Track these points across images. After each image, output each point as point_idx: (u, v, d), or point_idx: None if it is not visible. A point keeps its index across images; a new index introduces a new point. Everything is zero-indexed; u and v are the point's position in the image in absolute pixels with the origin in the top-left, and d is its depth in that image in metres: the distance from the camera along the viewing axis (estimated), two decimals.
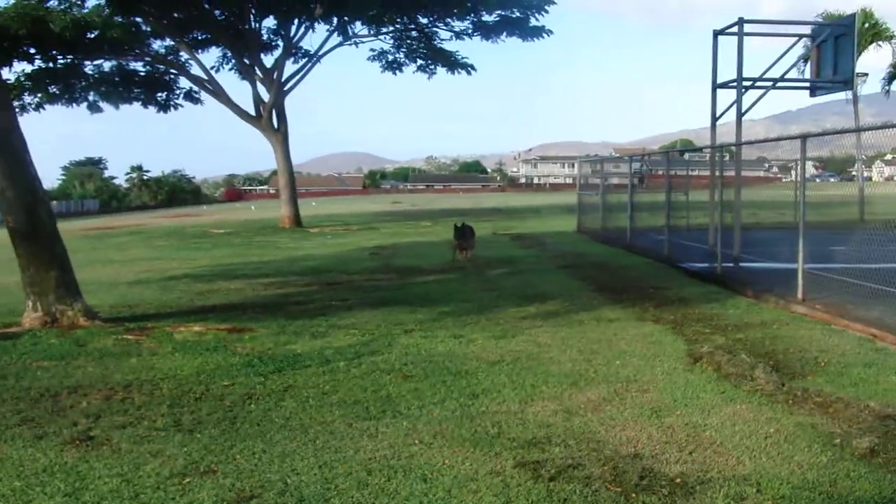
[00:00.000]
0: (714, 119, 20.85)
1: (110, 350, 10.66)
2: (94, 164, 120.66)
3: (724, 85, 20.60)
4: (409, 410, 7.79)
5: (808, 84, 21.89)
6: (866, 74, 40.03)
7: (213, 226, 42.89)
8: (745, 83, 20.13)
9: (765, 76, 20.64)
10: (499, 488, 5.78)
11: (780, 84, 20.86)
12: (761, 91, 20.65)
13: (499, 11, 37.93)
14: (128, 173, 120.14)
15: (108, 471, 6.24)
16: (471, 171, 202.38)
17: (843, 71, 20.16)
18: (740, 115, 19.58)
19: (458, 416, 7.59)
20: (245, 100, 40.15)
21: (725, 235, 18.55)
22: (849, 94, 34.75)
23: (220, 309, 14.09)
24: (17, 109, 27.04)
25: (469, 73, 41.12)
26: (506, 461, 6.34)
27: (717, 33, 20.77)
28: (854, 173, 41.86)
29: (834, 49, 20.36)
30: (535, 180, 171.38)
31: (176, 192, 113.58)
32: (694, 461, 6.31)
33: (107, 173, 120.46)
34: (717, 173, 19.49)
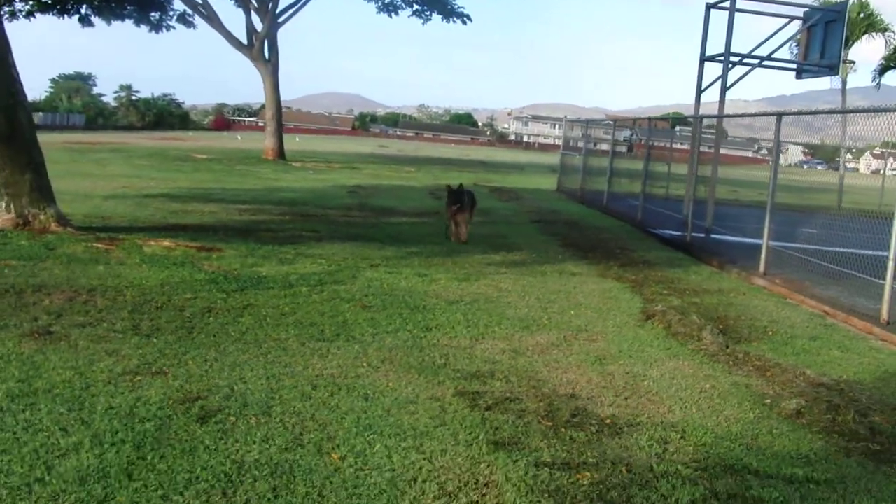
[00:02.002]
0: (699, 91, 21.00)
1: (79, 256, 10.80)
2: (84, 80, 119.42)
3: (712, 58, 20.74)
4: (362, 336, 8.01)
5: (795, 66, 22.03)
6: (853, 62, 40.11)
7: (197, 151, 42.77)
8: (733, 58, 20.26)
9: (753, 54, 20.77)
10: (435, 412, 6.02)
11: (766, 63, 21.01)
12: (748, 68, 20.77)
13: None
14: (116, 92, 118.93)
15: (62, 363, 6.43)
16: (462, 123, 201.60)
17: (831, 56, 20.32)
18: (724, 89, 19.74)
19: (409, 345, 7.82)
20: (238, 28, 39.78)
21: (700, 207, 18.82)
22: (834, 81, 34.90)
23: (192, 228, 14.24)
24: (6, 15, 26.77)
25: (464, 22, 40.98)
26: (447, 389, 6.58)
27: (709, 6, 20.88)
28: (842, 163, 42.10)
29: (823, 34, 20.50)
30: (525, 138, 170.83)
31: (164, 115, 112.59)
32: (627, 406, 6.57)
33: (95, 90, 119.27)
34: (698, 146, 19.69)
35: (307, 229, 15.30)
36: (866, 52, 45.56)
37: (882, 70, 43.63)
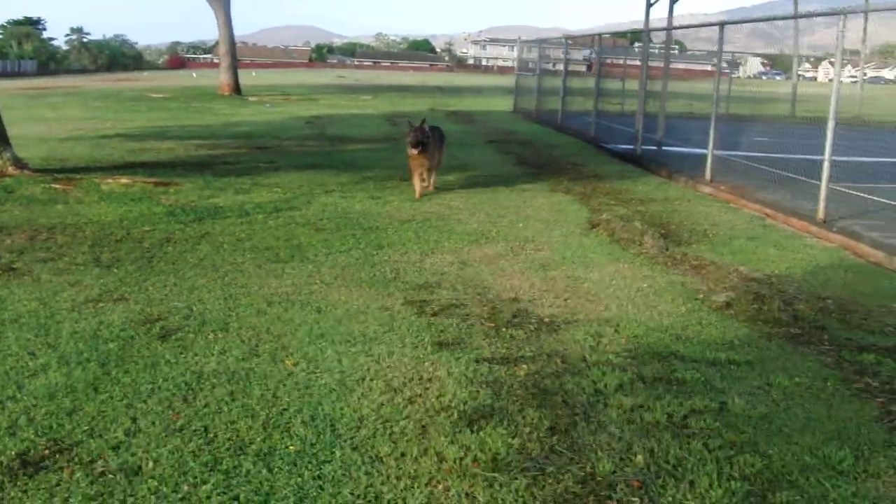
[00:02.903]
0: (648, 5, 21.13)
1: (37, 197, 11.01)
2: (33, 24, 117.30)
3: None
4: (315, 257, 8.35)
5: None
6: None
7: (152, 90, 42.51)
8: None
9: None
10: (384, 319, 6.40)
11: None
12: None
13: None
14: (67, 35, 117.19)
15: (27, 296, 6.73)
16: (420, 50, 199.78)
17: None
18: (672, 1, 19.89)
19: (361, 262, 8.18)
20: None
21: (652, 122, 19.18)
22: None
23: (149, 165, 14.44)
24: None
25: None
26: (396, 299, 6.95)
27: None
28: (801, 74, 42.45)
29: None
30: (484, 62, 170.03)
31: (117, 57, 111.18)
32: (566, 306, 6.98)
33: (46, 34, 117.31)
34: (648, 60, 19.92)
35: (263, 161, 15.53)
36: None
37: None
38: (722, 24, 14.61)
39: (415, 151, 11.78)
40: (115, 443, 4.25)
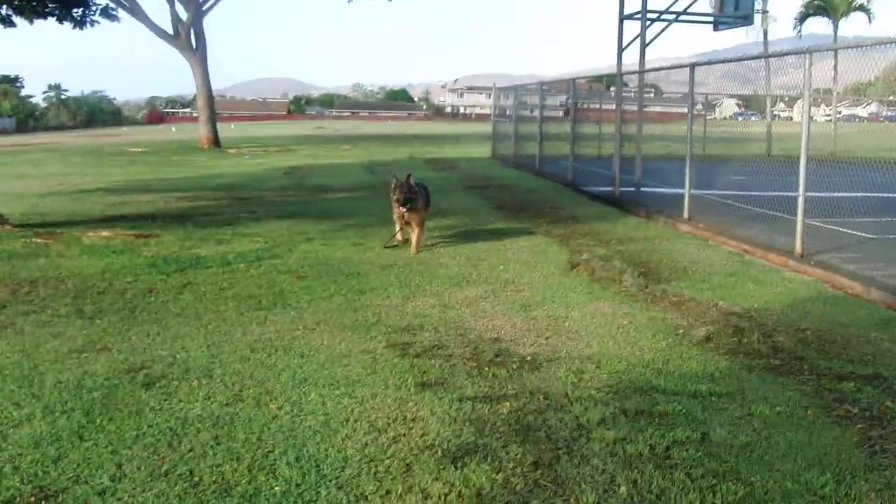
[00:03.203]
0: (620, 50, 21.36)
1: (18, 252, 11.01)
2: (10, 82, 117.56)
3: (630, 17, 21.15)
4: (298, 303, 8.38)
5: (711, 18, 22.55)
6: (767, 11, 40.89)
7: (131, 145, 42.65)
8: (650, 15, 20.69)
9: (670, 10, 21.24)
10: (367, 362, 6.43)
11: (683, 17, 21.47)
12: (666, 24, 21.22)
13: None
14: (45, 92, 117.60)
15: (10, 348, 6.73)
16: (398, 100, 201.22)
17: (744, 7, 20.85)
18: (644, 45, 20.14)
19: (343, 308, 8.21)
20: (164, 19, 39.60)
21: (629, 164, 19.39)
22: (751, 33, 35.64)
23: (130, 218, 14.47)
24: None
25: None
26: (379, 343, 6.99)
27: None
28: (776, 113, 42.84)
29: None
30: (462, 110, 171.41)
31: (95, 112, 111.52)
32: (547, 344, 7.03)
33: (24, 92, 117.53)
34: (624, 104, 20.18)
35: (244, 211, 15.60)
36: (789, 2, 46.40)
37: (801, 18, 44.58)
38: (692, 66, 14.84)
39: (402, 210, 11.20)
40: (101, 488, 4.26)
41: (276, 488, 4.28)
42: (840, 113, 41.04)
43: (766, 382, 6.10)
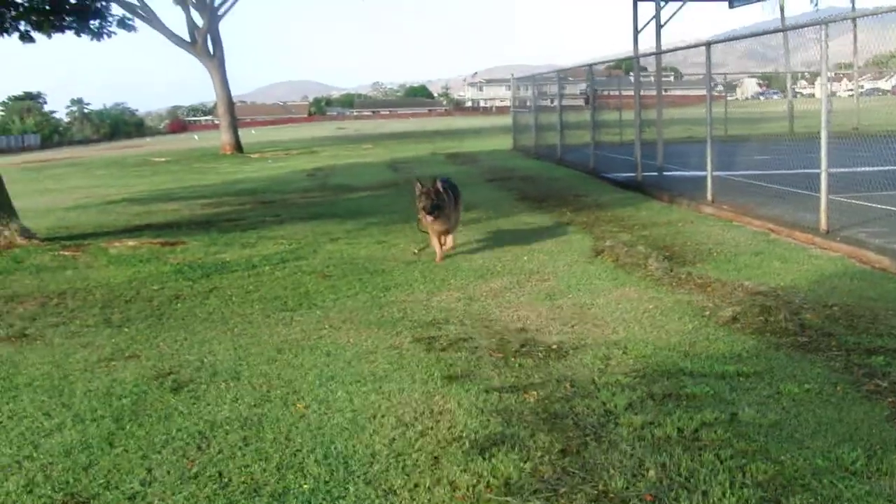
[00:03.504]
0: (636, 32, 21.29)
1: (47, 265, 11.11)
2: (33, 99, 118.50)
3: None
4: (324, 303, 8.41)
5: None
6: None
7: (155, 155, 42.92)
8: None
9: None
10: (394, 358, 6.44)
11: None
12: (681, 4, 21.10)
13: None
14: (68, 107, 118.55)
15: (40, 360, 6.79)
16: (417, 97, 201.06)
17: None
18: (659, 26, 20.04)
19: (369, 305, 8.24)
20: (180, 27, 39.85)
21: (651, 148, 19.30)
22: (768, 7, 35.42)
23: (155, 227, 14.58)
24: None
25: None
26: (405, 338, 7.00)
27: None
28: (798, 91, 42.53)
29: None
30: (482, 103, 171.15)
31: (119, 125, 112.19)
32: (573, 332, 7.02)
33: (47, 107, 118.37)
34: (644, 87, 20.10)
35: (268, 214, 15.67)
36: None
37: None
38: (708, 45, 14.74)
39: (430, 218, 10.16)
40: (131, 493, 4.30)
41: (305, 486, 4.30)
42: (862, 87, 40.66)
43: (793, 360, 6.06)
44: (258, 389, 5.82)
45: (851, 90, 37.61)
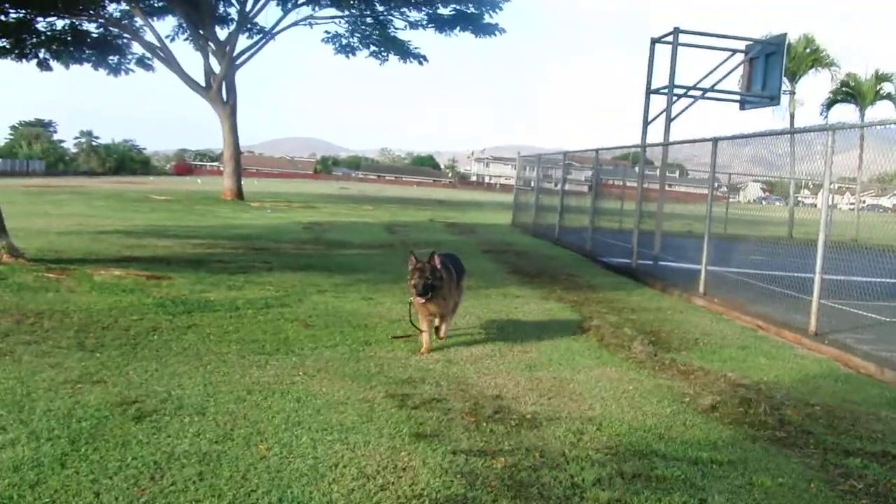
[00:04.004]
0: (645, 124, 21.45)
1: (29, 284, 10.99)
2: (44, 126, 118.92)
3: (657, 91, 21.24)
4: (301, 350, 8.29)
5: (738, 97, 22.61)
6: (794, 92, 40.93)
7: (156, 193, 42.91)
8: (677, 91, 20.79)
9: (696, 86, 21.32)
10: (364, 411, 6.31)
11: (709, 95, 21.55)
12: (692, 100, 21.28)
13: (454, 6, 38.53)
14: (77, 138, 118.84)
15: (5, 375, 6.66)
16: (424, 166, 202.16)
17: (771, 87, 20.94)
18: (669, 120, 20.22)
19: (346, 357, 8.11)
20: (197, 71, 40.12)
21: (649, 238, 19.30)
22: (778, 113, 35.85)
23: (144, 260, 14.45)
24: None
25: (420, 63, 41.67)
26: (378, 393, 6.87)
27: (654, 41, 21.41)
28: (800, 199, 42.80)
29: (764, 66, 21.13)
30: (487, 179, 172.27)
31: (125, 160, 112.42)
32: (549, 404, 6.89)
33: (56, 136, 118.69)
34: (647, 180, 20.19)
35: (259, 261, 15.56)
36: (814, 87, 46.46)
37: (829, 104, 44.63)
38: (715, 140, 14.84)
39: (421, 301, 8.49)
40: None
41: None
42: (864, 202, 40.91)
43: (769, 453, 5.94)
44: (222, 427, 5.69)
45: (853, 204, 37.87)
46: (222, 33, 41.30)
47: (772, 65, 21.06)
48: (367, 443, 5.56)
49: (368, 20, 41.75)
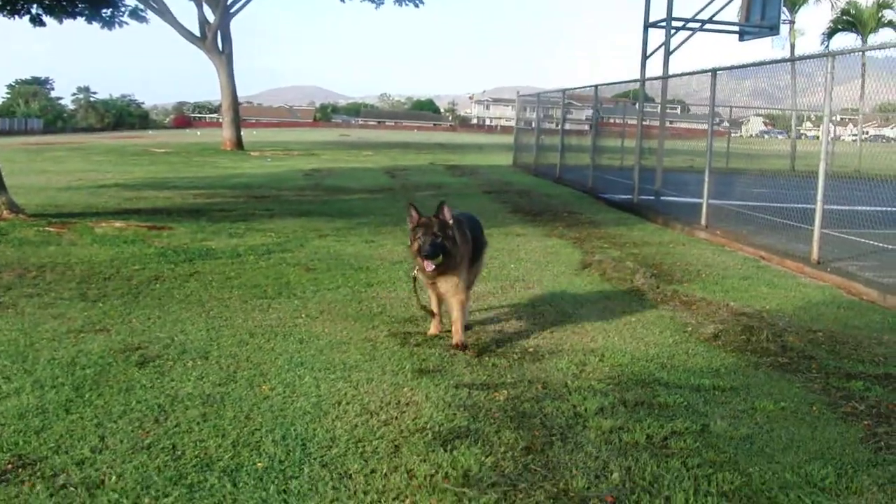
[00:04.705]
0: (644, 58, 21.26)
1: (31, 239, 10.99)
2: (41, 84, 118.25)
3: (655, 24, 21.00)
4: (303, 294, 8.29)
5: (737, 28, 22.36)
6: (793, 22, 40.60)
7: (155, 146, 42.79)
8: (675, 23, 20.57)
9: (695, 18, 21.09)
10: (366, 350, 6.33)
11: (708, 26, 21.31)
12: (691, 32, 21.06)
13: None
14: (74, 94, 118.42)
15: (9, 327, 6.67)
16: (424, 110, 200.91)
17: (770, 17, 20.69)
18: (668, 53, 20.05)
19: (349, 299, 8.12)
20: (192, 22, 39.73)
21: (651, 174, 19.24)
22: (777, 43, 35.53)
23: (145, 212, 14.45)
24: None
25: (416, 5, 41.17)
26: (380, 332, 6.89)
27: None
28: (802, 132, 42.56)
29: None
30: (487, 121, 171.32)
31: (123, 115, 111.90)
32: (551, 338, 6.91)
33: (53, 94, 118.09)
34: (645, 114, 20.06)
35: (260, 208, 15.54)
36: (815, 16, 46.06)
37: (830, 33, 44.25)
38: (714, 71, 14.72)
39: (429, 267, 6.32)
40: (80, 459, 4.18)
41: (259, 464, 4.19)
42: (867, 133, 40.68)
43: (772, 379, 5.96)
44: (225, 370, 5.71)
45: (856, 136, 37.65)
46: None
47: None
48: (369, 380, 5.58)
49: None
